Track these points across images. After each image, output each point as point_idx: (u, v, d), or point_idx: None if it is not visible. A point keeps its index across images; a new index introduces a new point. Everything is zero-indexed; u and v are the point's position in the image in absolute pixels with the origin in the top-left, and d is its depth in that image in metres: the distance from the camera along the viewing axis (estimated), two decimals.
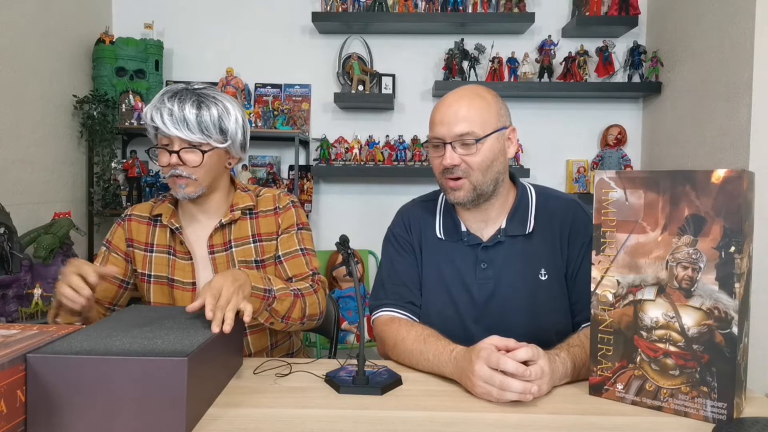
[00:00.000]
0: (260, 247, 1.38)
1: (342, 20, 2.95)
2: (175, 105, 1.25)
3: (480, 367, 0.96)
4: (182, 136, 1.25)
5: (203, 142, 1.28)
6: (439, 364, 1.08)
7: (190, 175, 1.28)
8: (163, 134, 1.27)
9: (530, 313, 1.22)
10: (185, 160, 1.27)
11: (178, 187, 1.29)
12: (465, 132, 1.17)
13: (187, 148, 1.27)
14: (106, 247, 1.39)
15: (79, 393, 0.79)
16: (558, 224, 1.26)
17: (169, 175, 1.29)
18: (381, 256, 1.38)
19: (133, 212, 1.41)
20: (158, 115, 1.25)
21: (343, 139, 3.05)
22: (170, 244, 1.37)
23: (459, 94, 1.22)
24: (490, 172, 1.20)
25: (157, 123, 1.25)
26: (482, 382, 0.96)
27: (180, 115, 1.24)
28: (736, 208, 0.85)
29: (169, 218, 1.36)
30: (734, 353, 0.86)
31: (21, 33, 2.41)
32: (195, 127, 1.25)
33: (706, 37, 2.49)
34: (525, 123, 3.03)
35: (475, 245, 1.27)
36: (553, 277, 1.24)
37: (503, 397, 0.94)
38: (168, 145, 1.28)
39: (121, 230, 1.39)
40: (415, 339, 1.15)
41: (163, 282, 1.36)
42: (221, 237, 1.37)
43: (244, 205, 1.38)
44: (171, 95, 1.27)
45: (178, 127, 1.24)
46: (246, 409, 0.93)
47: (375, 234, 1.42)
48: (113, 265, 1.35)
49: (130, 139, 3.10)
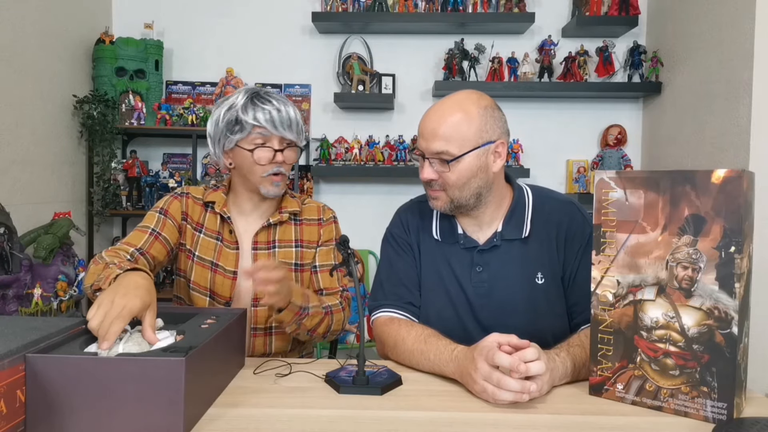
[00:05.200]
0: (300, 252, 1.43)
1: (342, 20, 2.95)
2: (280, 105, 1.30)
3: (481, 365, 0.96)
4: (288, 136, 1.32)
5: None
6: (440, 364, 1.08)
7: (286, 173, 1.35)
8: (262, 134, 1.30)
9: (527, 317, 1.22)
10: (287, 158, 1.33)
11: (274, 186, 1.34)
12: (440, 150, 1.16)
13: (287, 147, 1.34)
14: (160, 213, 1.37)
15: (79, 393, 0.79)
16: (555, 227, 1.25)
17: (267, 174, 1.32)
18: (380, 257, 1.38)
19: (190, 192, 1.44)
20: (265, 115, 1.28)
21: (343, 139, 3.05)
22: (219, 231, 1.40)
23: (443, 107, 1.20)
24: (467, 189, 1.19)
25: (264, 123, 1.28)
26: (481, 380, 0.96)
27: (286, 115, 1.30)
28: (736, 208, 0.85)
29: (222, 207, 1.39)
30: (734, 353, 0.86)
31: (21, 33, 2.41)
32: (296, 127, 1.33)
33: (706, 37, 2.49)
34: (525, 123, 3.03)
35: (470, 248, 1.27)
36: (550, 281, 1.24)
37: (498, 396, 0.93)
38: (264, 144, 1.31)
39: (178, 203, 1.41)
40: (416, 339, 1.15)
41: (206, 265, 1.38)
42: (266, 235, 1.41)
43: (292, 209, 1.43)
44: (261, 98, 1.31)
45: (284, 126, 1.30)
46: (246, 409, 0.93)
47: (375, 234, 1.42)
48: (168, 229, 1.36)
49: (130, 139, 3.10)
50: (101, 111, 2.82)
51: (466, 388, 1.02)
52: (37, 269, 2.28)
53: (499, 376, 0.93)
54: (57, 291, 2.30)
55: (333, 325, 1.35)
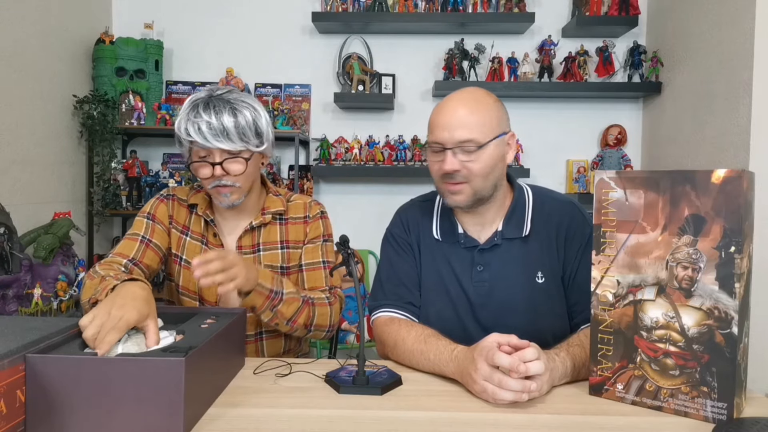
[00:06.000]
0: (287, 254, 1.39)
1: (342, 20, 2.95)
2: (212, 116, 1.21)
3: (481, 365, 0.96)
4: (224, 147, 1.22)
5: (243, 150, 1.26)
6: (440, 364, 1.08)
7: (234, 184, 1.27)
8: (201, 147, 1.23)
9: (527, 316, 1.22)
10: (228, 170, 1.25)
11: (223, 197, 1.28)
12: (466, 139, 1.15)
13: (229, 158, 1.25)
14: (148, 219, 1.35)
15: (79, 393, 0.79)
16: (555, 226, 1.26)
17: (211, 186, 1.27)
18: (380, 257, 1.38)
19: (176, 194, 1.41)
20: (194, 128, 1.21)
21: (343, 139, 3.05)
22: (204, 234, 1.38)
23: (460, 97, 1.20)
24: (490, 178, 1.20)
25: (195, 137, 1.21)
26: (481, 380, 0.96)
27: (219, 126, 1.21)
28: (736, 208, 0.85)
29: (204, 210, 1.37)
30: (734, 353, 0.86)
31: (21, 33, 2.41)
32: (235, 136, 1.22)
33: (706, 37, 2.49)
34: (525, 123, 3.03)
35: (471, 248, 1.27)
36: (551, 280, 1.24)
37: (498, 396, 0.93)
38: (206, 157, 1.25)
39: (165, 207, 1.38)
40: (416, 339, 1.15)
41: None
42: (250, 239, 1.37)
43: (275, 209, 1.39)
44: (203, 106, 1.23)
45: (218, 138, 1.21)
46: (246, 409, 0.93)
47: (375, 234, 1.42)
48: (158, 234, 1.34)
49: (130, 139, 3.10)
50: (101, 111, 2.82)
51: (466, 388, 1.02)
52: (37, 269, 2.28)
53: (500, 377, 0.93)
54: (57, 291, 2.30)
55: (316, 319, 1.30)
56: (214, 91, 1.29)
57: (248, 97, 1.31)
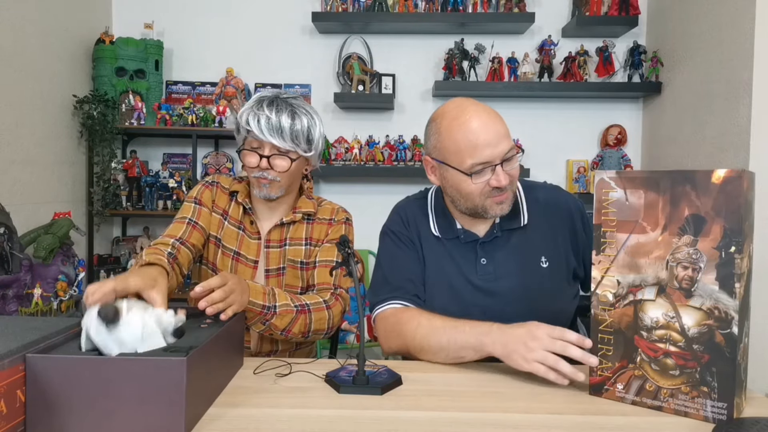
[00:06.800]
0: (309, 251, 1.45)
1: (342, 20, 2.95)
2: (272, 113, 1.32)
3: (544, 337, 1.00)
4: (275, 143, 1.33)
5: (292, 150, 1.35)
6: (479, 335, 1.08)
7: (275, 178, 1.36)
8: (255, 138, 1.34)
9: (536, 302, 1.24)
10: (274, 165, 1.35)
11: (262, 187, 1.37)
12: (509, 148, 1.19)
13: (277, 154, 1.35)
14: (195, 203, 1.43)
15: (79, 393, 0.79)
16: (550, 211, 1.31)
17: (254, 176, 1.37)
18: (378, 254, 1.37)
19: (219, 181, 1.48)
20: (255, 120, 1.32)
21: (343, 139, 3.05)
22: (242, 221, 1.45)
23: (477, 111, 1.19)
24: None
25: (252, 128, 1.32)
26: (542, 349, 0.99)
27: (276, 123, 1.32)
28: (736, 208, 0.85)
29: (244, 197, 1.44)
30: (734, 353, 0.86)
31: (21, 33, 2.41)
32: (288, 136, 1.33)
33: (706, 37, 2.49)
34: (525, 123, 3.03)
35: (472, 242, 1.28)
36: (554, 263, 1.28)
37: (560, 366, 0.98)
38: (258, 149, 1.35)
39: (209, 192, 1.45)
40: (444, 318, 1.16)
41: (228, 254, 1.42)
42: (279, 233, 1.44)
43: (306, 210, 1.46)
44: (268, 103, 1.34)
45: (272, 134, 1.32)
46: (246, 409, 0.93)
47: (375, 234, 1.42)
48: (204, 217, 1.41)
49: (130, 139, 3.10)
50: (101, 111, 2.82)
51: (465, 388, 1.02)
52: (37, 269, 2.28)
53: (562, 345, 0.99)
54: (57, 291, 2.30)
55: (313, 324, 1.32)
56: (281, 93, 1.40)
57: (310, 107, 1.41)
